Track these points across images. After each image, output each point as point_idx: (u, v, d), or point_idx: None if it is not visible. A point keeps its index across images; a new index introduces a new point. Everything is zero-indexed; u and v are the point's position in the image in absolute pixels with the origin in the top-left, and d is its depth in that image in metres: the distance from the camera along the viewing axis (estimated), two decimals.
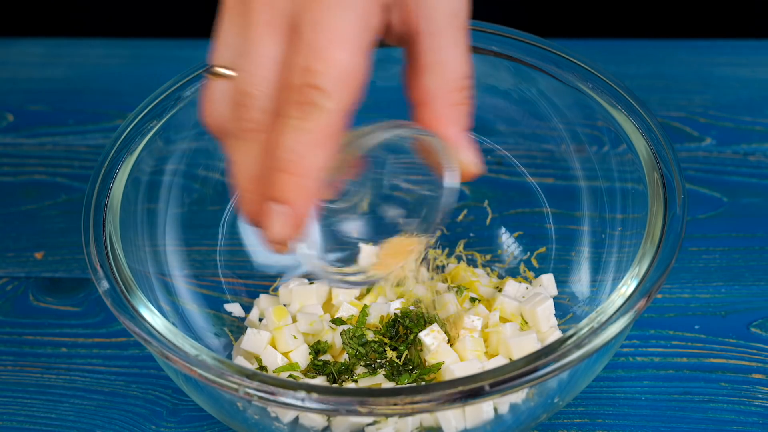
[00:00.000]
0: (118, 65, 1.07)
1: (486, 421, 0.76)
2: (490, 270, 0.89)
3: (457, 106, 0.67)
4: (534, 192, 0.87)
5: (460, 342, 0.81)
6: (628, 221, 0.81)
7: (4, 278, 0.92)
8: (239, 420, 0.76)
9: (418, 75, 0.67)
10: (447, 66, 0.67)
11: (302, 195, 0.63)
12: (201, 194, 0.85)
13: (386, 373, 0.80)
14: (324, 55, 0.61)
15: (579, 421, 0.82)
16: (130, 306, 0.73)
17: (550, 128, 0.86)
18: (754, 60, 1.05)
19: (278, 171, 0.62)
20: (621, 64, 1.05)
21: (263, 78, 0.63)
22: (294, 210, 0.63)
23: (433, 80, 0.67)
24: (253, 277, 0.87)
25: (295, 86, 0.62)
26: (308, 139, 0.62)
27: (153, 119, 0.82)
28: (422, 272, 0.89)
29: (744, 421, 0.82)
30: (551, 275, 0.86)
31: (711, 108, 1.02)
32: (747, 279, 0.90)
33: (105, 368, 0.87)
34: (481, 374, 0.69)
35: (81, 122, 1.03)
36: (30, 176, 0.99)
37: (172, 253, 0.84)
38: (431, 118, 0.67)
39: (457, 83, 0.67)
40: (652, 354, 0.86)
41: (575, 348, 0.70)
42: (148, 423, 0.83)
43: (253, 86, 0.63)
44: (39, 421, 0.84)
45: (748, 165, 0.97)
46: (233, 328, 0.85)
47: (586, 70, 0.82)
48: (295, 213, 0.63)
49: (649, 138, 0.79)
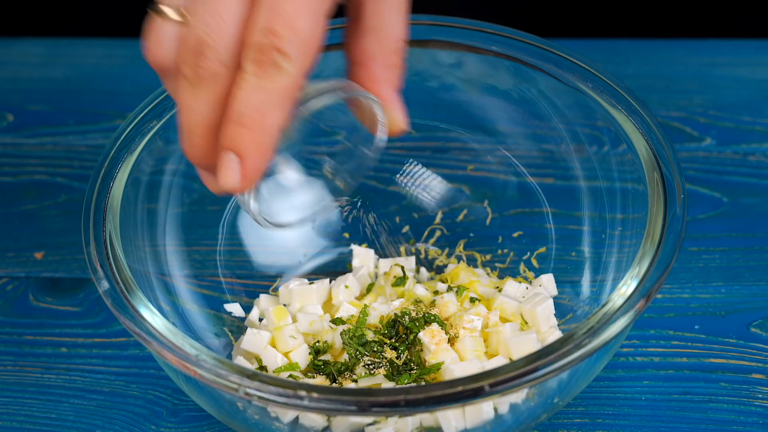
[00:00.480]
0: (118, 65, 1.07)
1: (486, 421, 0.76)
2: (490, 270, 0.89)
3: (392, 67, 0.70)
4: (534, 192, 0.87)
5: (460, 342, 0.81)
6: (628, 221, 0.81)
7: (4, 278, 0.92)
8: (239, 420, 0.76)
9: (359, 37, 0.70)
10: (387, 30, 0.70)
11: (258, 151, 0.65)
12: (201, 194, 0.85)
13: (386, 373, 0.80)
14: (288, 19, 0.64)
15: (579, 421, 0.82)
16: (130, 306, 0.73)
17: (550, 128, 0.86)
18: (754, 60, 1.05)
19: (237, 124, 0.65)
20: (621, 64, 1.05)
21: (224, 32, 0.65)
22: (248, 164, 0.66)
23: (373, 43, 0.70)
24: (253, 277, 0.87)
25: (256, 45, 0.64)
26: (268, 98, 0.65)
27: (153, 119, 0.82)
28: (422, 272, 0.89)
29: (744, 421, 0.82)
30: (551, 275, 0.86)
31: (711, 108, 1.02)
32: (747, 279, 0.90)
33: (105, 368, 0.86)
34: (481, 374, 0.69)
35: (81, 122, 1.03)
36: (30, 176, 0.99)
37: (172, 253, 0.84)
38: (367, 78, 0.70)
39: (394, 46, 0.70)
40: (652, 354, 0.86)
41: (575, 348, 0.70)
42: (148, 423, 0.83)
43: (213, 37, 0.65)
44: (39, 421, 0.84)
45: (748, 165, 0.97)
46: (233, 328, 0.85)
47: (586, 70, 0.82)
48: (248, 166, 0.66)
49: (649, 138, 0.79)
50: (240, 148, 0.65)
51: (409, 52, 0.71)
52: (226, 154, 0.66)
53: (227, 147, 0.65)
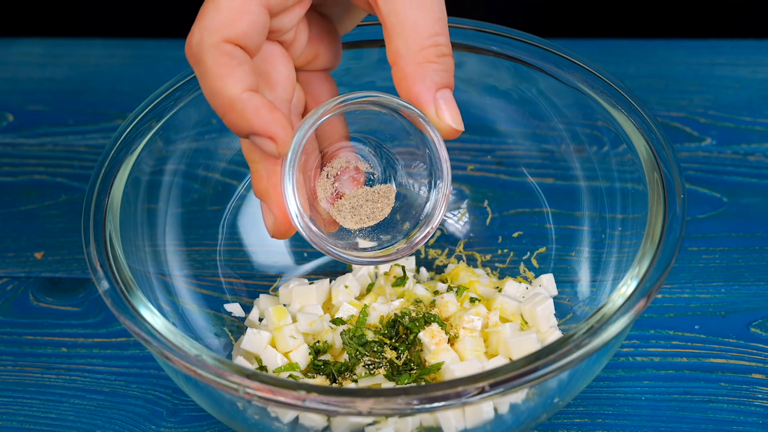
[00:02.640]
0: (118, 65, 1.07)
1: (486, 421, 0.76)
2: (490, 270, 0.89)
3: (425, 64, 0.68)
4: (534, 192, 0.87)
5: (460, 342, 0.81)
6: (628, 221, 0.81)
7: (4, 278, 0.92)
8: (239, 420, 0.76)
9: (388, 40, 0.68)
10: (407, 26, 0.68)
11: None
12: (201, 194, 0.86)
13: (386, 373, 0.80)
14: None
15: (579, 421, 0.82)
16: (130, 306, 0.73)
17: (550, 128, 0.86)
18: (754, 60, 1.05)
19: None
20: (621, 64, 1.05)
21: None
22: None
23: (399, 42, 0.68)
24: (253, 277, 0.87)
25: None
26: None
27: (153, 119, 0.82)
28: (422, 272, 0.89)
29: (744, 421, 0.82)
30: (551, 275, 0.86)
31: (711, 108, 1.02)
32: (747, 279, 0.90)
33: (105, 368, 0.87)
34: (481, 374, 0.69)
35: (81, 122, 1.03)
36: (30, 176, 0.99)
37: (172, 253, 0.84)
38: (401, 78, 0.68)
39: (422, 42, 0.68)
40: (652, 354, 0.86)
41: (575, 348, 0.70)
42: (148, 423, 0.83)
43: None
44: (39, 421, 0.84)
45: (748, 165, 0.97)
46: (233, 328, 0.85)
47: (586, 70, 0.82)
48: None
49: (649, 138, 0.79)
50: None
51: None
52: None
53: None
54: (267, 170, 0.70)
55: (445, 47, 0.69)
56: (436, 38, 0.68)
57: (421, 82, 0.68)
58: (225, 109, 0.66)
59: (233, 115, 0.66)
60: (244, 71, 0.66)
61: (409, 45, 0.68)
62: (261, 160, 0.70)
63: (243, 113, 0.66)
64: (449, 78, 0.69)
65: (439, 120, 0.69)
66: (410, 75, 0.68)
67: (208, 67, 0.66)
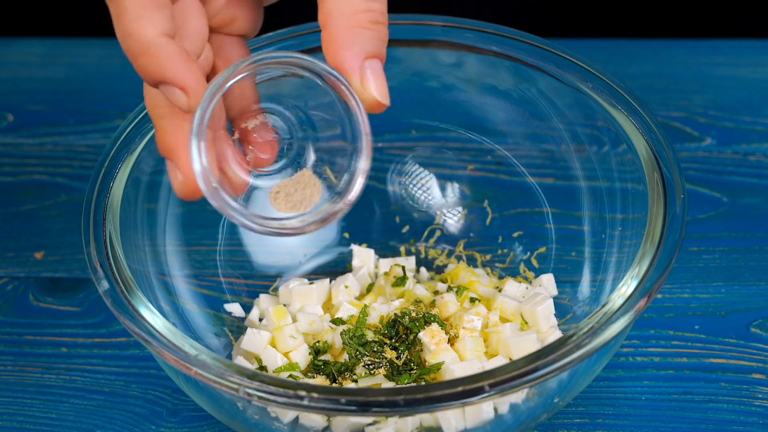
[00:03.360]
0: (118, 65, 1.07)
1: (486, 421, 0.76)
2: (490, 270, 0.89)
3: (356, 29, 0.64)
4: (534, 192, 0.87)
5: (460, 342, 0.81)
6: (628, 221, 0.81)
7: (4, 278, 0.92)
8: (239, 420, 0.76)
9: (320, 1, 0.65)
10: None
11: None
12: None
13: (386, 373, 0.80)
14: None
15: (579, 421, 0.82)
16: (130, 306, 0.73)
17: (550, 128, 0.86)
18: (754, 60, 1.05)
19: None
20: (621, 64, 1.05)
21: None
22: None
23: (331, 2, 0.64)
24: (253, 277, 0.87)
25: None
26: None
27: None
28: (422, 272, 0.89)
29: (744, 421, 0.82)
30: (551, 275, 0.86)
31: (711, 108, 1.02)
32: (747, 279, 0.90)
33: (105, 368, 0.87)
34: (481, 374, 0.69)
35: (81, 122, 1.03)
36: (30, 176, 0.99)
37: (172, 253, 0.84)
38: (329, 42, 0.65)
39: (356, 5, 0.64)
40: (652, 354, 0.86)
41: (575, 348, 0.70)
42: (148, 423, 0.83)
43: None
44: (39, 421, 0.84)
45: (748, 165, 0.97)
46: (233, 328, 0.85)
47: (586, 70, 0.82)
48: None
49: (649, 138, 0.79)
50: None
51: (409, 52, 0.69)
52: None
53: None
54: (173, 126, 0.66)
55: (380, 14, 0.65)
56: (371, 3, 0.64)
57: (349, 47, 0.64)
58: (138, 51, 0.63)
59: (146, 59, 0.63)
60: (163, 15, 0.63)
61: (341, 7, 0.64)
62: (168, 115, 0.66)
63: (157, 58, 0.63)
64: (381, 48, 0.65)
65: (363, 90, 0.65)
66: (338, 38, 0.64)
67: (125, 6, 0.62)
